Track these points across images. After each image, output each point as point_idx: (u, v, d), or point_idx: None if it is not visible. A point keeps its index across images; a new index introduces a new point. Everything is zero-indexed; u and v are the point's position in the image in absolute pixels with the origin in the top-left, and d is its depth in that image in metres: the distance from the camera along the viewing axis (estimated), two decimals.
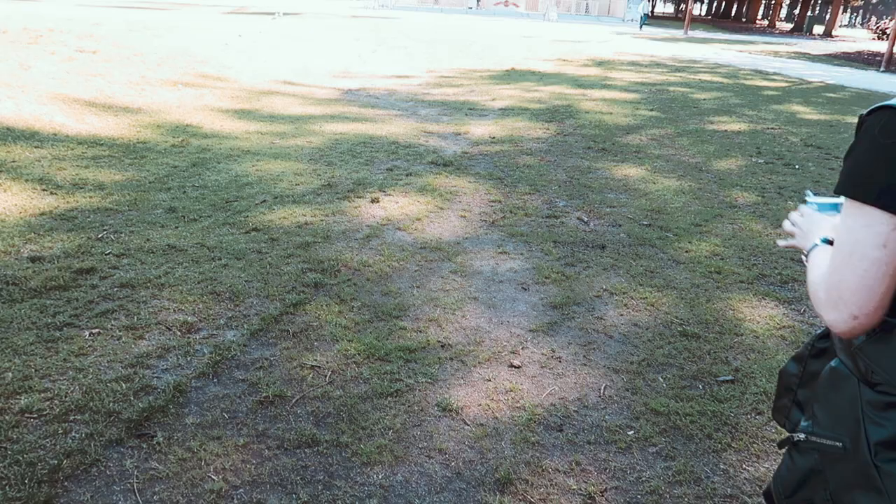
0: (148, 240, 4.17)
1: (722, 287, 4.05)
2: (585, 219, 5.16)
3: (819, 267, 1.06)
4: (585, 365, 3.09)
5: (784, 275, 4.28)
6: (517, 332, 3.37)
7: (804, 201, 1.30)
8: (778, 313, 3.75)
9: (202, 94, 8.96)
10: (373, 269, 3.99)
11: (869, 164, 0.96)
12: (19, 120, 6.54)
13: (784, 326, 3.60)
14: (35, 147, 5.89)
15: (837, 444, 1.07)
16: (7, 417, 2.45)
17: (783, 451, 1.25)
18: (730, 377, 3.06)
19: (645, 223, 5.11)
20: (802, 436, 1.15)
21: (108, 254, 3.92)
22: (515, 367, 3.06)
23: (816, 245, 1.13)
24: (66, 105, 7.29)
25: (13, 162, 5.43)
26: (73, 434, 2.40)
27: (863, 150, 0.98)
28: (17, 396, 2.58)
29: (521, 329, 3.40)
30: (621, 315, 3.61)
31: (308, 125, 7.93)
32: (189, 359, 2.94)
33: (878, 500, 0.99)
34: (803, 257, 1.20)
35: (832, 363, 1.11)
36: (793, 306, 3.85)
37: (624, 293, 3.87)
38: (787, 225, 1.32)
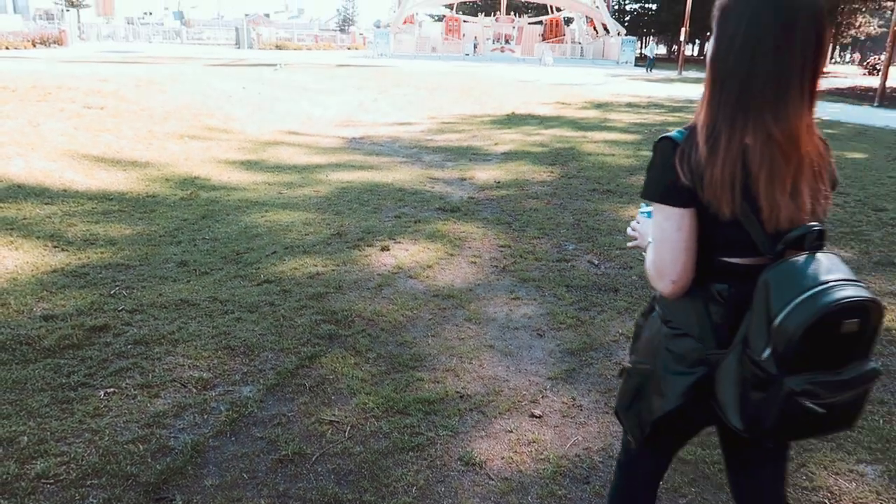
0: (160, 295, 4.16)
1: None
2: (596, 262, 5.16)
3: (649, 255, 1.48)
4: (607, 413, 3.04)
5: None
6: (536, 381, 3.33)
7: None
8: None
9: (209, 147, 9.07)
10: (387, 319, 3.97)
11: (656, 176, 1.41)
12: (30, 177, 6.61)
13: None
14: (45, 203, 5.94)
15: (648, 366, 1.53)
16: (23, 484, 2.40)
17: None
18: None
19: None
20: (629, 364, 1.63)
21: (121, 310, 3.90)
22: (537, 417, 3.01)
23: (650, 242, 1.48)
24: (75, 161, 7.37)
25: (24, 219, 5.46)
26: (91, 500, 2.35)
27: (652, 167, 1.42)
28: (33, 461, 2.53)
29: (540, 377, 3.36)
30: None
31: (314, 174, 8.00)
32: (206, 417, 2.89)
33: (661, 402, 1.48)
34: (644, 253, 1.57)
35: (653, 313, 1.59)
36: None
37: None
38: (629, 231, 1.72)
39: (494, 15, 59.61)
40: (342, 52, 60.38)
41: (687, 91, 24.05)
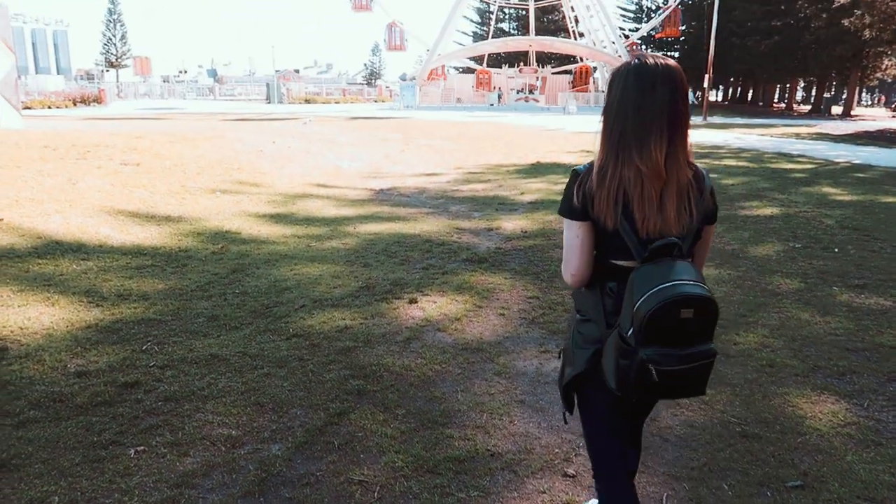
0: (191, 350, 4.19)
1: (777, 381, 3.90)
2: None
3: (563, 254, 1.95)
4: (643, 472, 2.95)
5: (840, 366, 4.12)
6: (568, 438, 3.25)
7: None
8: (840, 409, 3.58)
9: (240, 200, 9.25)
10: (415, 374, 3.94)
11: (564, 198, 1.90)
12: (67, 233, 6.78)
13: (849, 423, 3.42)
14: (82, 259, 6.07)
15: (567, 345, 2.04)
16: None
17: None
18: (798, 482, 2.89)
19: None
20: (558, 348, 2.29)
21: (152, 366, 3.93)
22: (570, 477, 2.93)
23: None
24: (111, 217, 7.56)
25: (61, 275, 5.58)
26: None
27: (564, 190, 1.90)
28: None
29: (572, 433, 3.29)
30: (675, 415, 3.48)
31: (343, 227, 8.09)
32: (234, 476, 2.87)
33: (571, 369, 1.97)
34: None
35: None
36: (854, 400, 3.68)
37: None
38: None
39: (518, 66, 60.60)
40: (369, 104, 61.73)
41: (712, 136, 24.01)
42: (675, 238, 1.77)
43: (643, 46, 58.68)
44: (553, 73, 59.90)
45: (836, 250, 7.13)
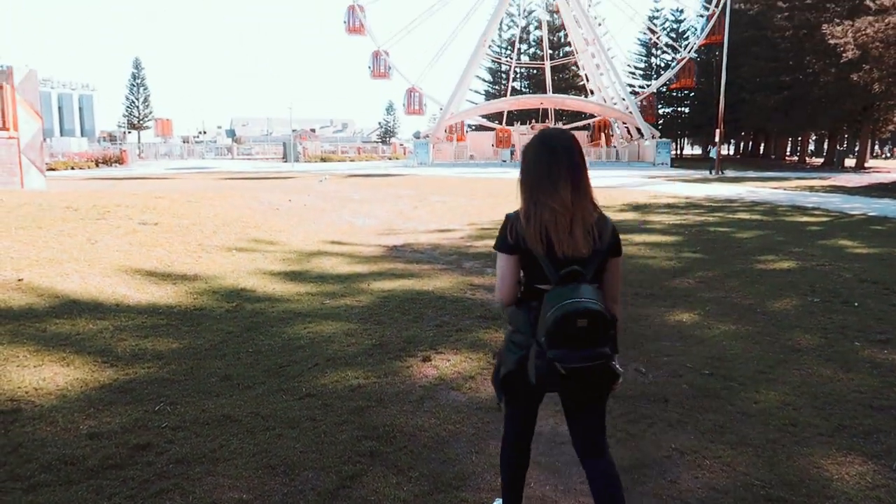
0: (203, 410, 4.17)
1: (800, 441, 3.79)
2: (643, 370, 5.01)
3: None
4: None
5: (866, 425, 4.01)
6: (586, 501, 3.17)
7: None
8: (867, 470, 3.47)
9: (255, 258, 9.34)
10: (429, 434, 3.87)
11: (500, 236, 2.47)
12: (85, 293, 6.86)
13: (878, 486, 3.31)
14: (98, 319, 6.12)
15: (502, 350, 2.58)
16: None
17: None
18: None
19: (706, 372, 4.93)
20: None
21: (164, 427, 3.90)
22: None
23: None
24: (128, 276, 7.64)
25: (77, 335, 5.62)
26: None
27: (500, 231, 2.47)
28: None
29: (590, 498, 3.19)
30: (696, 478, 3.38)
31: (356, 284, 8.12)
32: None
33: (504, 368, 2.52)
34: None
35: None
36: (882, 461, 3.57)
37: (695, 452, 3.65)
38: None
39: (530, 123, 61.57)
40: (384, 161, 62.76)
41: (725, 190, 24.07)
42: (577, 267, 2.37)
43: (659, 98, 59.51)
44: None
45: (856, 304, 7.03)
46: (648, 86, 61.40)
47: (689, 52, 54.14)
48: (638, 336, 5.87)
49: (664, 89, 59.34)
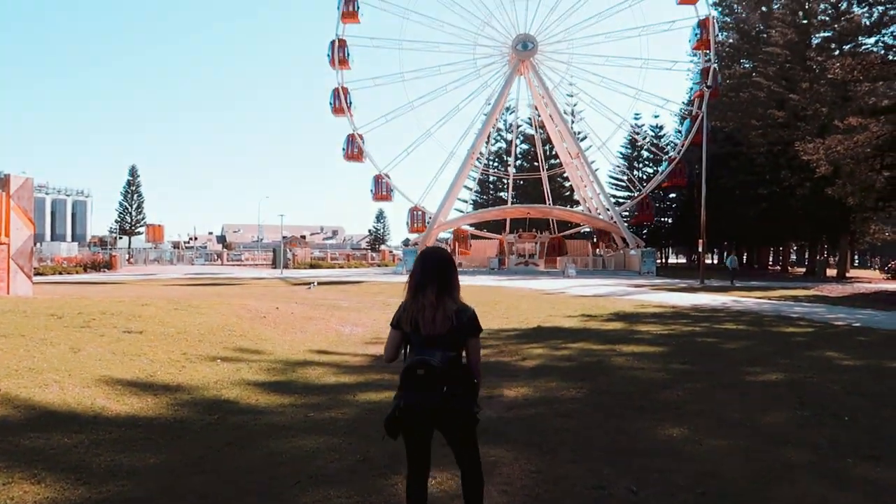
0: None
1: None
2: (635, 489, 4.88)
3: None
4: None
5: None
6: None
7: None
8: None
9: (239, 368, 9.21)
10: None
11: (394, 316, 3.73)
12: (62, 404, 6.69)
13: None
14: (74, 432, 5.94)
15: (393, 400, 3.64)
16: None
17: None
18: None
19: (699, 491, 4.81)
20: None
21: None
22: None
23: None
24: (108, 387, 7.49)
25: (51, 449, 5.44)
26: None
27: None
28: None
29: None
30: None
31: (342, 395, 7.99)
32: None
33: (389, 412, 3.57)
34: None
35: None
36: None
37: None
38: None
39: (518, 232, 62.80)
40: (373, 268, 63.23)
41: (710, 300, 24.30)
42: (433, 338, 3.53)
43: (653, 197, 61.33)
44: (551, 239, 61.89)
45: (846, 418, 6.97)
46: (631, 197, 63.34)
47: (678, 152, 56.32)
48: (628, 451, 5.76)
49: (655, 191, 61.28)
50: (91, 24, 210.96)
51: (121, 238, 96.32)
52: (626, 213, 60.12)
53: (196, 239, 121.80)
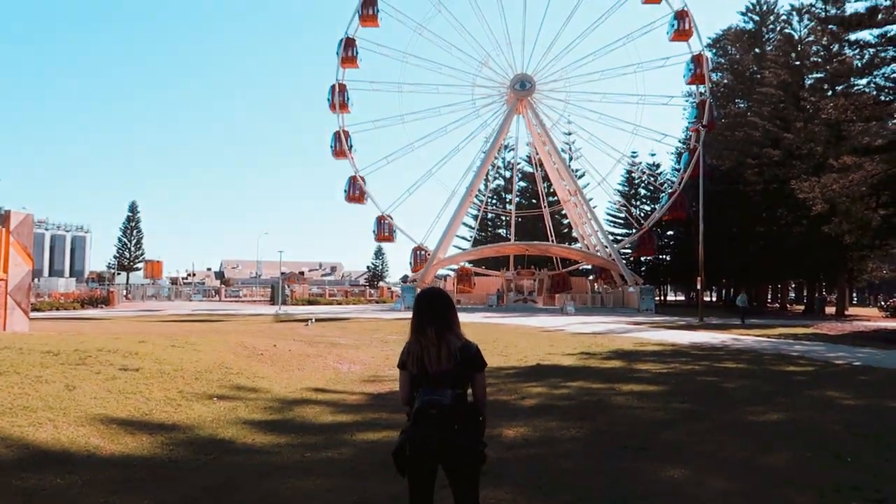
0: None
1: None
2: None
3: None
4: None
5: None
6: None
7: None
8: None
9: (236, 406, 9.12)
10: None
11: (400, 357, 3.84)
12: (56, 444, 6.62)
13: None
14: (67, 472, 5.86)
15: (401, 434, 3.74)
16: None
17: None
18: None
19: None
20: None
21: None
22: None
23: None
24: (103, 425, 7.41)
25: (43, 490, 5.36)
26: None
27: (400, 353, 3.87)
28: None
29: None
30: None
31: (339, 434, 7.90)
32: None
33: (396, 446, 3.66)
34: None
35: None
36: None
37: None
38: None
39: (516, 269, 62.82)
40: (371, 305, 63.05)
41: (710, 338, 24.20)
42: (439, 376, 3.59)
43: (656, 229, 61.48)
44: (550, 276, 61.93)
45: (849, 459, 6.89)
46: (630, 234, 63.56)
47: (679, 184, 56.60)
48: (629, 493, 5.68)
49: (654, 227, 61.46)
50: (93, 60, 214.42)
51: (119, 274, 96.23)
52: (629, 246, 60.14)
53: (194, 275, 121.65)
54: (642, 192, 75.46)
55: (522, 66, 59.00)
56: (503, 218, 76.21)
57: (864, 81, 35.02)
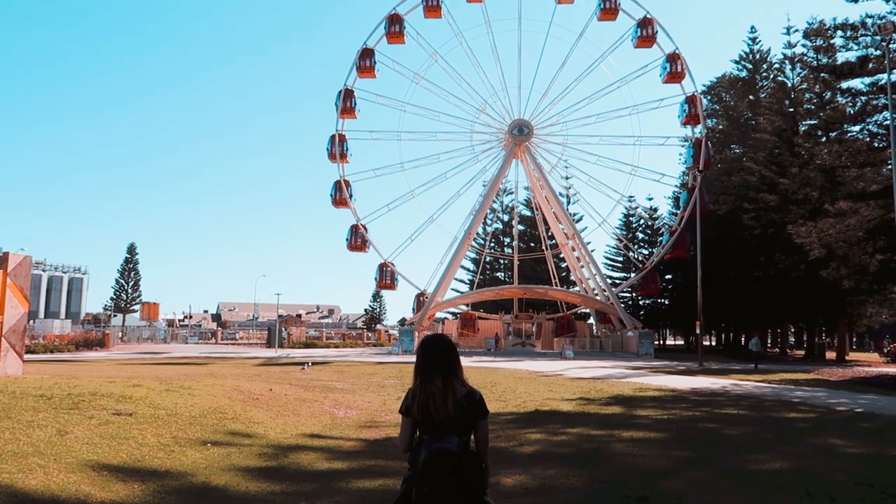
0: None
1: None
2: None
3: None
4: None
5: None
6: None
7: None
8: None
9: (230, 453, 8.97)
10: None
11: (402, 403, 3.80)
12: (46, 490, 6.48)
13: None
14: None
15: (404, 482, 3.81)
16: None
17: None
18: None
19: None
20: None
21: None
22: None
23: None
24: (94, 472, 7.28)
25: None
26: None
27: (402, 400, 3.85)
28: None
29: None
30: None
31: (335, 482, 7.75)
32: None
33: (399, 494, 3.73)
34: None
35: None
36: None
37: None
38: None
39: (514, 313, 62.61)
40: (369, 348, 62.63)
41: (710, 383, 23.99)
42: (444, 422, 3.59)
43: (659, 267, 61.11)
44: (548, 320, 61.70)
45: None
46: (628, 277, 63.50)
47: (679, 223, 56.60)
48: None
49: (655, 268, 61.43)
50: (91, 102, 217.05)
51: (115, 315, 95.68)
52: (629, 290, 59.75)
53: (191, 317, 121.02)
54: (640, 235, 75.73)
55: (520, 112, 59.83)
56: (501, 261, 76.31)
57: (857, 128, 35.55)
